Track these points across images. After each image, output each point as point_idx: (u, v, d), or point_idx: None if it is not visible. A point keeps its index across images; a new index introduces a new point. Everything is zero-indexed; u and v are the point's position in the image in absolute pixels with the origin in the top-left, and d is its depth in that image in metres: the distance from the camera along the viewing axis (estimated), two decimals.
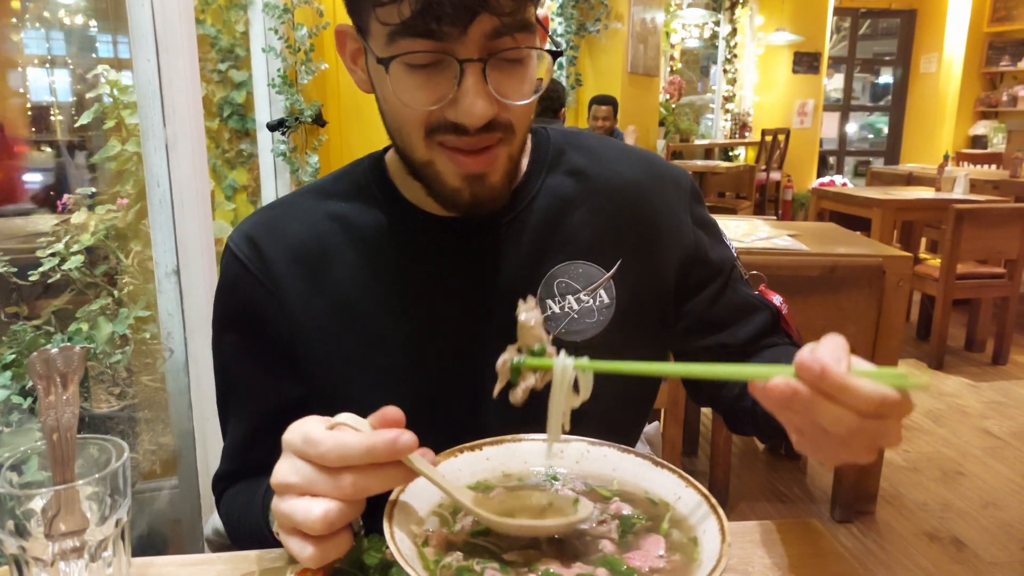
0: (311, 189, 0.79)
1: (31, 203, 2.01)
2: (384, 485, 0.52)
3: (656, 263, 0.80)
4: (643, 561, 0.52)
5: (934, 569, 2.17)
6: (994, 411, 3.30)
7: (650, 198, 0.81)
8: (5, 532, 0.51)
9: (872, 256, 2.24)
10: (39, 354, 0.54)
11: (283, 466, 0.54)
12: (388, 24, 0.60)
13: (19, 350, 1.18)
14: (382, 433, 0.51)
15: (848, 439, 0.50)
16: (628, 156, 0.84)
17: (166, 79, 1.21)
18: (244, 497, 0.73)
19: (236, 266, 0.75)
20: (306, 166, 2.39)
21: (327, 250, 0.74)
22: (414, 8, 0.57)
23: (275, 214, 0.78)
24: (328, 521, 0.51)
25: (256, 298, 0.74)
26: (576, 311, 0.76)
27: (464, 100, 0.61)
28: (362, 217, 0.75)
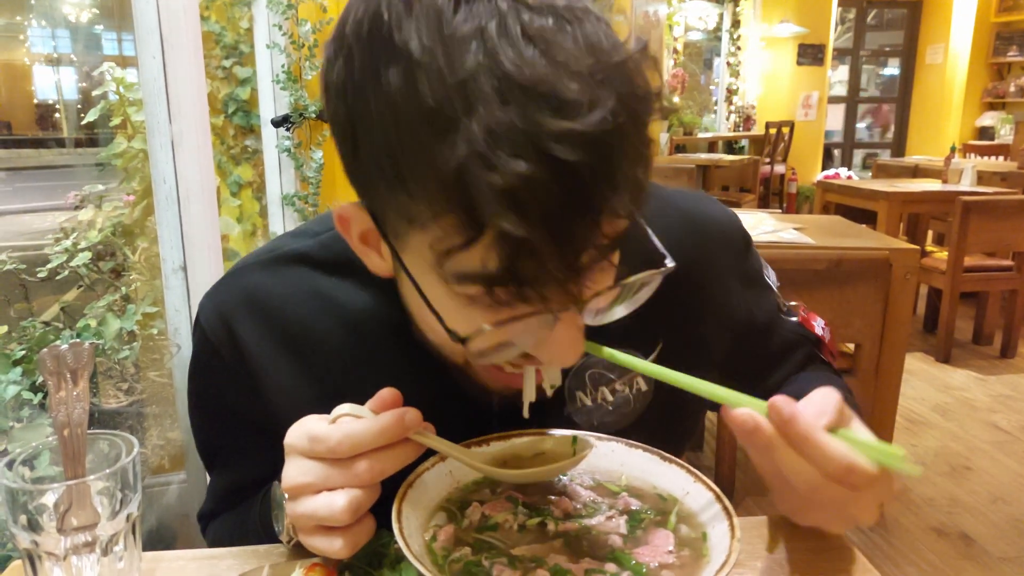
0: (294, 254, 0.68)
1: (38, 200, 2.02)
2: (398, 464, 0.52)
3: (701, 340, 0.73)
4: (652, 556, 0.52)
5: (942, 564, 2.16)
6: (1002, 405, 3.29)
7: (696, 270, 0.69)
8: (18, 527, 0.52)
9: (878, 249, 2.23)
10: (49, 350, 0.54)
11: (292, 469, 0.53)
12: (455, 272, 0.45)
13: (29, 346, 1.19)
14: (388, 415, 0.51)
15: (811, 498, 0.49)
16: (672, 211, 0.72)
17: (171, 76, 1.22)
18: (234, 519, 0.72)
19: (207, 351, 0.68)
20: (311, 161, 2.39)
21: (309, 333, 0.65)
22: (504, 270, 0.43)
23: (254, 284, 0.67)
24: (354, 509, 0.51)
25: (231, 386, 0.68)
26: (610, 402, 0.69)
27: (556, 348, 0.50)
28: (354, 299, 0.66)
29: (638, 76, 0.45)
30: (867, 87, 9.07)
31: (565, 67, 0.41)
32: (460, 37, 0.41)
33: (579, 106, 0.41)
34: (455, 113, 0.40)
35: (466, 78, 0.40)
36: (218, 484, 0.75)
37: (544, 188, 0.40)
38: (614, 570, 0.50)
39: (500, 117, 0.40)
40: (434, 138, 0.41)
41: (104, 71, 1.60)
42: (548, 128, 0.40)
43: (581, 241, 0.43)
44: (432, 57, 0.41)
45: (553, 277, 0.43)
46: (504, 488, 0.60)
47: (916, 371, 3.67)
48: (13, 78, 1.98)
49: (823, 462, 0.46)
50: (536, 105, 0.40)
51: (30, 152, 2.35)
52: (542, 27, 0.42)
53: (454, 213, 0.42)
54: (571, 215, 0.42)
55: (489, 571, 0.50)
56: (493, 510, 0.57)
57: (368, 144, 0.46)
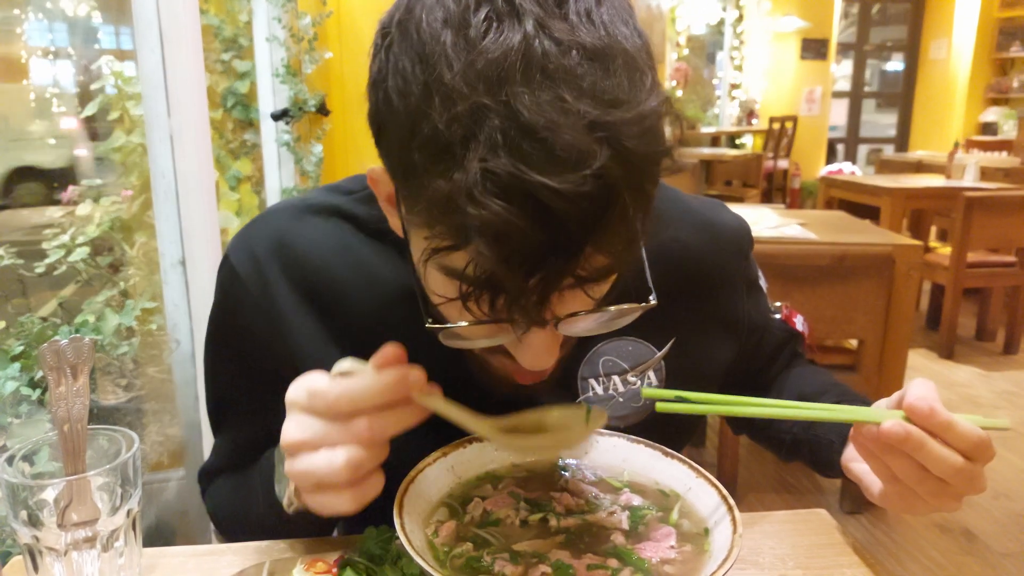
0: (328, 205, 0.69)
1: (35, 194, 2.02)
2: (400, 424, 0.51)
3: (711, 342, 0.74)
4: (654, 552, 0.52)
5: (944, 561, 2.16)
6: (1006, 401, 3.28)
7: (709, 271, 0.73)
8: (19, 522, 0.51)
9: (882, 245, 2.22)
10: (49, 345, 0.54)
11: (291, 425, 0.52)
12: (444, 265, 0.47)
13: (27, 341, 1.18)
14: (391, 372, 0.50)
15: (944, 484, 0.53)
16: (688, 216, 0.75)
17: (170, 70, 1.21)
18: (237, 480, 0.71)
19: (236, 287, 0.67)
20: (310, 156, 2.38)
21: (335, 288, 0.66)
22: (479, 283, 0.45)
23: (284, 228, 0.68)
24: (353, 466, 0.49)
25: (255, 324, 0.67)
26: (621, 393, 0.70)
27: (528, 351, 0.51)
28: (378, 262, 0.66)
29: (647, 131, 0.44)
30: (870, 82, 9.05)
31: (568, 115, 0.41)
32: (483, 65, 0.42)
33: (567, 162, 0.41)
34: (457, 141, 0.42)
35: (476, 110, 0.42)
36: (225, 441, 0.74)
37: (521, 231, 0.41)
38: (616, 565, 0.50)
39: (494, 157, 0.41)
40: (435, 161, 0.43)
41: (102, 65, 1.59)
42: (533, 178, 0.41)
43: (554, 278, 0.44)
44: (452, 80, 0.42)
45: (519, 302, 0.45)
46: (506, 484, 0.59)
47: (919, 367, 3.66)
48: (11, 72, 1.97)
49: (961, 442, 0.52)
50: (530, 151, 0.41)
51: None
52: (563, 67, 0.42)
53: (442, 226, 0.44)
54: (547, 256, 0.43)
55: (491, 566, 0.50)
56: (495, 506, 0.56)
57: (387, 140, 0.48)
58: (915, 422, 0.52)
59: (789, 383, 0.82)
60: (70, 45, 2.06)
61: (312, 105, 2.35)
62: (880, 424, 0.52)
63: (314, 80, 2.45)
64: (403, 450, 0.55)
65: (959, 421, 0.52)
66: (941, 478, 0.53)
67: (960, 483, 0.53)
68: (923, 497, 0.54)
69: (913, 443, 0.51)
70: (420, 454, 0.58)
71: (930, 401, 0.53)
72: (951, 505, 0.55)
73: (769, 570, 0.63)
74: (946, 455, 0.52)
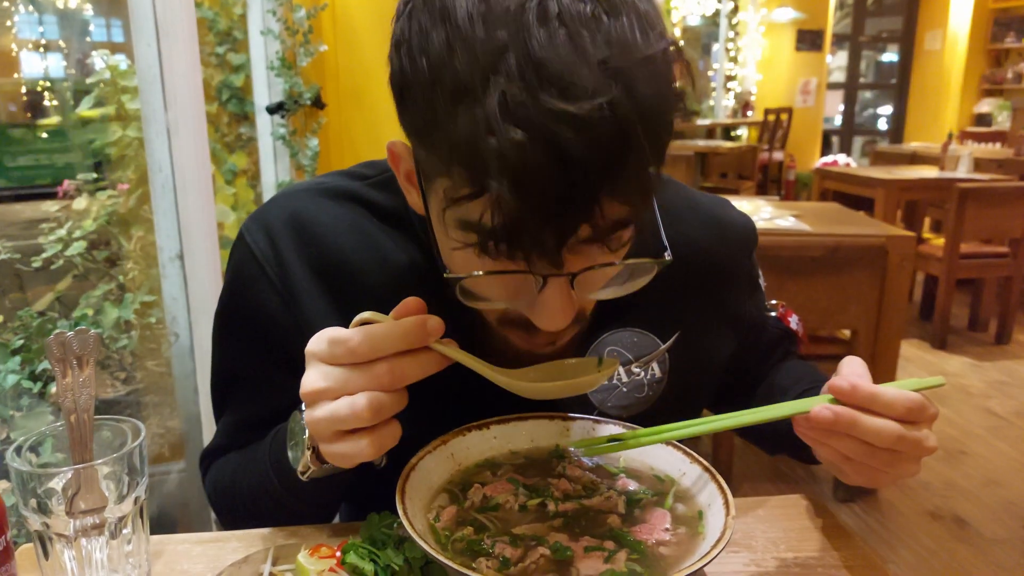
0: (343, 190, 0.70)
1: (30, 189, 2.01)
2: (420, 370, 0.52)
3: (714, 336, 0.76)
4: (649, 534, 0.53)
5: (936, 547, 2.19)
6: (997, 391, 3.31)
7: (715, 267, 0.75)
8: (29, 509, 0.52)
9: (875, 236, 2.24)
10: (55, 337, 0.55)
11: (312, 375, 0.53)
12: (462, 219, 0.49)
13: (27, 335, 1.19)
14: (411, 319, 0.52)
15: (893, 453, 0.53)
16: (696, 212, 0.76)
17: (167, 64, 1.21)
18: (240, 457, 0.71)
19: (251, 264, 0.68)
20: (306, 149, 2.38)
21: (350, 271, 0.67)
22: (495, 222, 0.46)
23: (299, 209, 0.69)
24: (375, 408, 0.51)
25: (269, 302, 0.68)
26: (625, 383, 0.71)
27: (544, 310, 0.52)
28: (392, 247, 0.67)
29: (658, 75, 0.46)
30: (866, 73, 9.05)
31: (583, 54, 0.44)
32: (501, 11, 0.44)
33: (583, 92, 0.43)
34: (477, 83, 0.44)
35: (495, 52, 0.44)
36: (229, 420, 0.74)
37: (538, 161, 0.43)
38: (613, 547, 0.51)
39: (512, 91, 0.43)
40: (456, 102, 0.45)
41: (98, 58, 1.59)
42: (549, 107, 0.43)
43: (570, 218, 0.46)
44: (472, 28, 0.45)
45: (537, 244, 0.47)
46: (505, 470, 0.61)
47: (912, 358, 3.69)
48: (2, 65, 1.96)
49: (894, 409, 0.53)
50: (547, 84, 0.43)
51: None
52: (577, 13, 0.45)
53: (462, 169, 0.46)
54: (562, 191, 0.44)
55: (491, 549, 0.51)
56: (494, 491, 0.58)
57: (411, 98, 0.50)
58: (842, 402, 0.53)
59: (771, 378, 0.84)
60: (61, 38, 2.06)
61: (307, 98, 2.35)
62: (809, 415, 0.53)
63: (309, 73, 2.45)
64: (405, 438, 0.56)
65: (884, 390, 0.53)
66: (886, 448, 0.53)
67: (907, 448, 0.53)
68: (880, 468, 0.55)
69: (843, 423, 0.52)
70: (421, 442, 0.59)
71: (850, 379, 0.53)
72: (909, 470, 0.55)
73: (762, 553, 0.65)
74: (881, 426, 0.52)
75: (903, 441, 0.52)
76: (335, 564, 0.56)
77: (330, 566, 0.55)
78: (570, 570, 0.50)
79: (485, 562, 0.50)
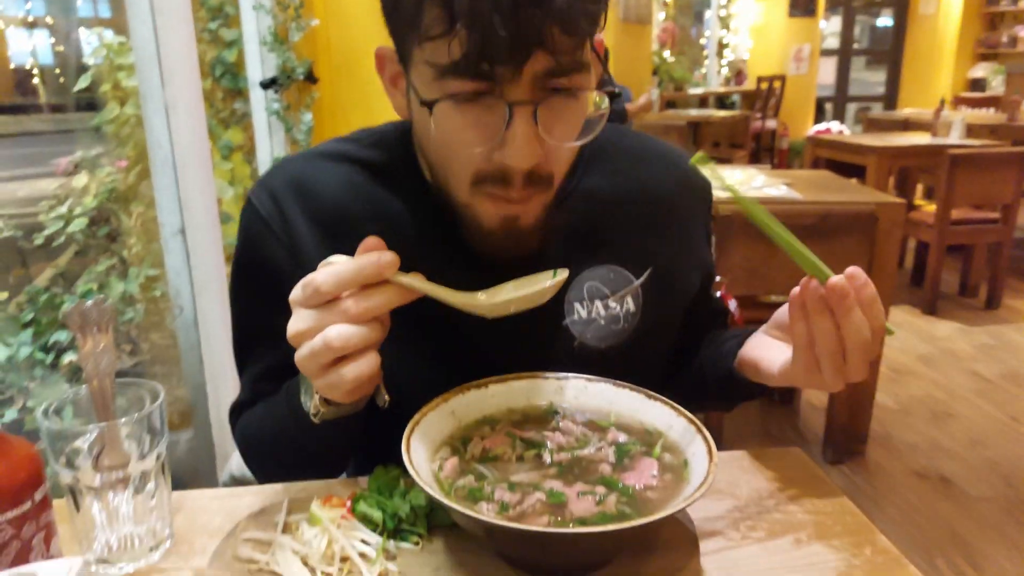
0: (338, 152, 0.77)
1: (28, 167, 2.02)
2: (383, 303, 0.58)
3: (681, 276, 0.82)
4: (637, 480, 0.57)
5: (921, 505, 2.25)
6: (985, 354, 3.37)
7: (681, 212, 0.82)
8: (59, 465, 0.56)
9: (865, 203, 2.27)
10: (75, 307, 0.58)
11: (293, 320, 0.59)
12: (434, 60, 0.57)
13: (36, 309, 1.22)
14: (366, 256, 0.57)
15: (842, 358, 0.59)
16: (665, 162, 0.83)
17: (163, 40, 1.22)
18: (264, 408, 0.76)
19: (258, 223, 0.74)
20: (300, 124, 2.39)
21: (348, 221, 0.73)
22: (465, 48, 0.54)
23: (299, 171, 0.76)
24: (344, 337, 0.56)
25: (276, 256, 0.74)
26: (603, 316, 0.76)
27: (512, 144, 0.58)
28: (386, 197, 0.74)
29: None
30: (860, 39, 8.97)
31: None
32: None
33: None
34: None
35: None
36: (250, 375, 0.80)
37: None
38: (603, 491, 0.56)
39: None
40: None
41: (93, 36, 1.59)
42: None
43: (527, 29, 0.54)
44: None
45: (501, 55, 0.54)
46: (503, 426, 0.65)
47: (902, 323, 3.75)
48: None
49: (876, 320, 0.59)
50: None
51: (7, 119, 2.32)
52: None
53: (434, 10, 0.55)
54: (521, 9, 0.53)
55: (491, 495, 0.55)
56: (493, 444, 0.61)
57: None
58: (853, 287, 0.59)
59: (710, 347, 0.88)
60: (47, 14, 2.04)
61: (300, 73, 2.35)
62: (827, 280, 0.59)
63: (301, 48, 2.44)
64: (408, 396, 0.61)
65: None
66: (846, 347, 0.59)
67: (855, 358, 0.59)
68: (823, 368, 0.60)
69: (848, 303, 0.58)
70: (424, 399, 0.63)
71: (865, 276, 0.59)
72: (838, 383, 0.61)
73: (746, 500, 0.69)
74: (862, 325, 0.58)
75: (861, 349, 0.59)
76: (346, 512, 0.60)
77: (341, 514, 0.59)
78: (564, 512, 0.54)
79: (486, 506, 0.54)
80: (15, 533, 0.49)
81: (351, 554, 0.56)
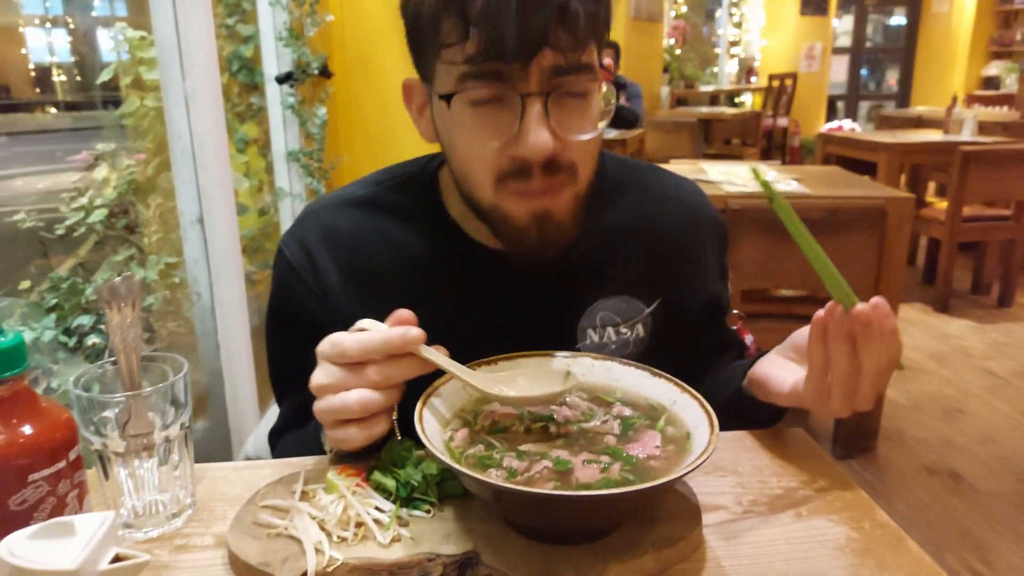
0: (364, 199, 0.82)
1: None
2: (404, 373, 0.62)
3: (688, 304, 0.86)
4: (641, 450, 0.59)
5: (931, 500, 2.26)
6: (997, 352, 3.36)
7: (692, 245, 0.87)
8: (89, 432, 0.59)
9: (874, 198, 2.27)
10: (105, 283, 0.61)
11: (318, 372, 0.63)
12: (454, 63, 0.64)
13: (60, 295, 1.26)
14: (395, 330, 0.61)
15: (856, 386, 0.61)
16: (679, 198, 0.88)
17: (183, 35, 1.25)
18: (298, 434, 0.82)
19: (291, 275, 0.80)
20: (314, 118, 2.42)
21: (376, 268, 0.79)
22: (478, 46, 0.61)
23: (328, 222, 0.81)
24: (363, 403, 0.60)
25: (307, 304, 0.79)
26: (613, 342, 0.82)
27: (526, 133, 0.63)
28: (411, 240, 0.79)
29: None
30: (872, 37, 8.92)
31: None
32: None
33: None
34: None
35: None
36: (288, 406, 0.86)
37: None
38: (608, 460, 0.58)
39: None
40: None
41: (115, 31, 1.62)
42: None
43: (533, 28, 0.60)
44: None
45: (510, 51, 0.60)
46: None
47: (914, 320, 3.74)
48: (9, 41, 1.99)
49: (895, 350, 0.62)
50: None
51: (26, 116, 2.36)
52: None
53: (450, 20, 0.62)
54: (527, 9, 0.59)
55: (500, 463, 0.57)
56: (502, 417, 0.64)
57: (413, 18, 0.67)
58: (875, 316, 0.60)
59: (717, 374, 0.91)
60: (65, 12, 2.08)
61: (315, 68, 2.38)
62: (855, 305, 0.60)
63: (316, 43, 2.47)
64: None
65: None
66: (861, 375, 0.61)
67: (867, 387, 0.61)
68: (834, 393, 0.62)
69: (871, 332, 0.59)
70: (435, 375, 0.66)
71: (889, 308, 0.61)
72: (846, 409, 0.63)
73: (748, 477, 0.71)
74: (880, 355, 0.60)
75: (877, 377, 0.60)
76: (361, 480, 0.62)
77: (356, 482, 0.62)
78: (570, 478, 0.56)
79: (495, 472, 0.56)
80: (51, 489, 0.52)
81: (366, 520, 0.58)
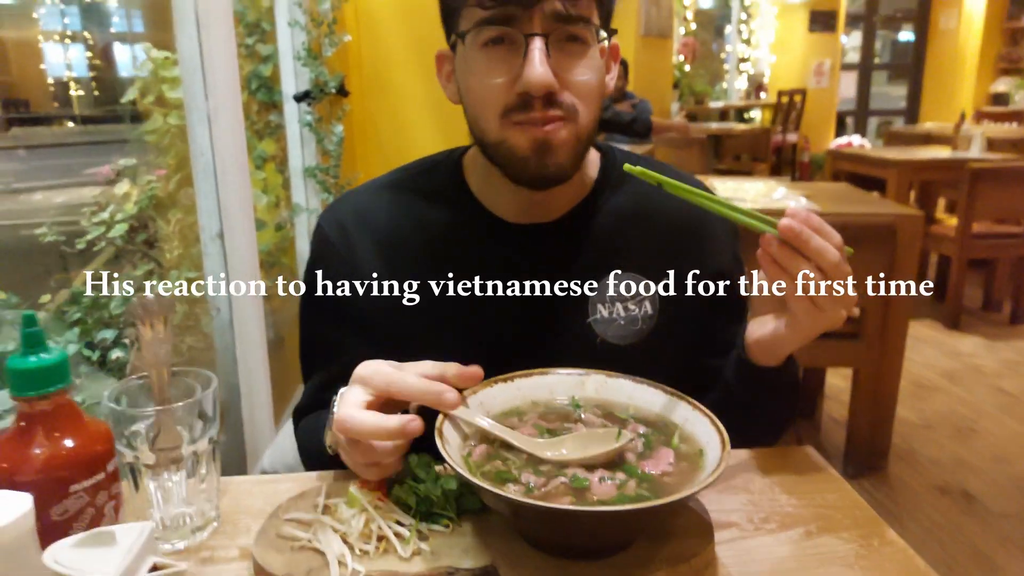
0: (394, 182, 0.90)
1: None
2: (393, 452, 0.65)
3: (697, 284, 0.89)
4: (655, 468, 0.61)
5: (944, 521, 2.24)
6: (1010, 370, 3.33)
7: (701, 229, 0.90)
8: (121, 445, 0.61)
9: (883, 215, 2.28)
10: (139, 299, 0.63)
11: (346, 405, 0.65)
12: (472, 9, 0.72)
13: (83, 309, 1.28)
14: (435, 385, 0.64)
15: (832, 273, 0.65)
16: None
17: (207, 54, 1.29)
18: (316, 417, 0.84)
19: (327, 247, 0.86)
20: (331, 135, 2.46)
21: (404, 242, 0.85)
22: None
23: (362, 202, 0.88)
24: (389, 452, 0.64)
25: (342, 276, 0.85)
26: (623, 318, 0.85)
27: (527, 68, 0.70)
28: (436, 216, 0.86)
29: None
30: (880, 54, 8.94)
31: None
32: None
33: None
34: None
35: None
36: (314, 382, 0.89)
37: None
38: (623, 477, 0.59)
39: None
40: None
41: (139, 51, 1.66)
42: None
43: None
44: None
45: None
46: (529, 417, 0.69)
47: (925, 338, 3.72)
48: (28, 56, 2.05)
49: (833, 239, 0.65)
50: None
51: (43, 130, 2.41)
52: None
53: None
54: None
55: (518, 477, 0.59)
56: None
57: None
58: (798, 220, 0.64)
59: None
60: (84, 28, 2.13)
61: (332, 87, 2.43)
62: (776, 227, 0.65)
63: (334, 62, 2.52)
64: None
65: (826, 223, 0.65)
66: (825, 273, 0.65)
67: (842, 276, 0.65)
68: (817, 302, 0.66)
69: (804, 234, 0.64)
70: None
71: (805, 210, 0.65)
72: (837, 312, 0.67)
73: (759, 495, 0.72)
74: (826, 246, 0.64)
75: (838, 269, 0.64)
76: (381, 495, 0.64)
77: (377, 496, 0.64)
78: (586, 495, 0.57)
79: (513, 487, 0.58)
80: (90, 500, 0.54)
81: (387, 533, 0.60)
